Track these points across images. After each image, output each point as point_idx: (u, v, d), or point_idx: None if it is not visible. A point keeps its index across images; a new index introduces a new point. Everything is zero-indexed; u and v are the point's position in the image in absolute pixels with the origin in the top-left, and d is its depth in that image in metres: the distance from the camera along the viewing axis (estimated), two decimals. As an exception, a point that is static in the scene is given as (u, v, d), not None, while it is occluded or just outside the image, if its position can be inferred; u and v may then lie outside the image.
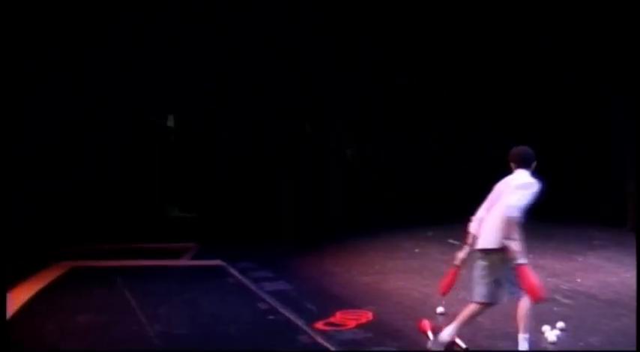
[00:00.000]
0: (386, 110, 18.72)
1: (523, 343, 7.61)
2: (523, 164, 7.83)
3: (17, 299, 10.24)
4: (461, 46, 17.88)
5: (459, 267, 8.19)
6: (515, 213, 7.48)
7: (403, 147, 18.86)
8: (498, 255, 7.56)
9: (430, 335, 8.28)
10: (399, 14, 17.59)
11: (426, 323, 8.55)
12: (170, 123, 18.36)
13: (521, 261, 7.48)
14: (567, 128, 17.39)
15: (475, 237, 7.84)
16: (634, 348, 7.86)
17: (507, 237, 7.50)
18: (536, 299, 7.58)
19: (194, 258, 13.51)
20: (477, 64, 18.05)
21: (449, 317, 9.12)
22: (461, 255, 8.10)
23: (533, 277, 7.50)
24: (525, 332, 7.62)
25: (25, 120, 15.32)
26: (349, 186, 18.05)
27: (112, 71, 16.57)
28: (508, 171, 7.90)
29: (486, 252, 7.67)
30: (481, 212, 7.89)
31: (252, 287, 11.03)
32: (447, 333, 7.78)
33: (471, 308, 7.84)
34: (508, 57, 17.48)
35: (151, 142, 17.84)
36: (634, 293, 10.11)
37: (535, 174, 7.71)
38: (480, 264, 7.75)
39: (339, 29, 17.77)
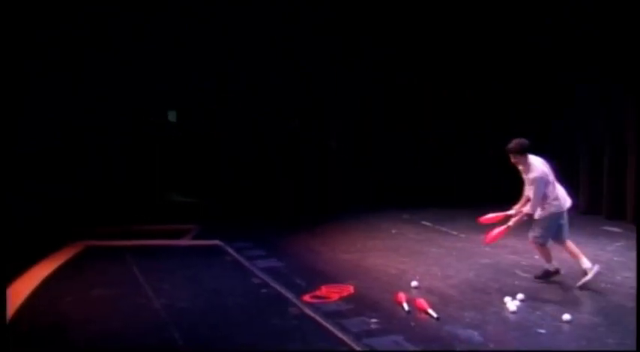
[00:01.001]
0: (386, 110, 17.90)
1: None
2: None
3: (38, 275, 10.29)
4: (461, 45, 17.05)
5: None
6: None
7: (402, 145, 17.94)
8: None
9: (405, 306, 8.34)
10: (399, 14, 16.86)
11: (402, 296, 8.64)
12: (172, 118, 17.80)
13: None
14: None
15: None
16: (583, 314, 7.96)
17: None
18: None
19: (195, 238, 13.48)
20: (477, 64, 17.14)
21: (422, 291, 9.21)
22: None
23: None
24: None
25: (25, 120, 15.17)
26: (337, 176, 17.53)
27: (112, 71, 16.01)
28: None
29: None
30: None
31: (247, 264, 11.03)
32: (586, 265, 9.24)
33: (570, 245, 9.45)
34: (508, 57, 16.52)
35: (152, 142, 17.39)
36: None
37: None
38: (565, 217, 9.49)
39: (339, 29, 17.02)
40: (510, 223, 9.37)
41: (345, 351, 7.16)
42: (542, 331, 7.59)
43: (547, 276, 9.56)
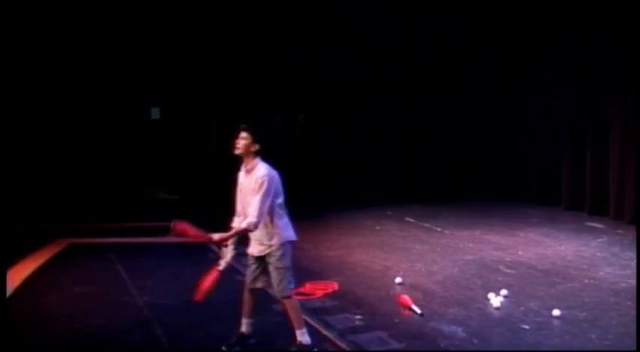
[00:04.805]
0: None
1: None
2: None
3: (21, 272, 10.26)
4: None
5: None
6: None
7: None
8: None
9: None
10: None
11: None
12: (155, 115, 17.67)
13: None
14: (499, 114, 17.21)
15: None
16: (566, 310, 7.97)
17: None
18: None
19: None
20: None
21: (406, 287, 9.20)
22: None
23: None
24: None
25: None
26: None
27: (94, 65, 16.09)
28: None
29: None
30: None
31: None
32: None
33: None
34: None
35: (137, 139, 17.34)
36: (567, 264, 10.31)
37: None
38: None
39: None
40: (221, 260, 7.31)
41: (329, 348, 7.14)
42: (526, 327, 7.59)
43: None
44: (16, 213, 13.08)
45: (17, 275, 10.06)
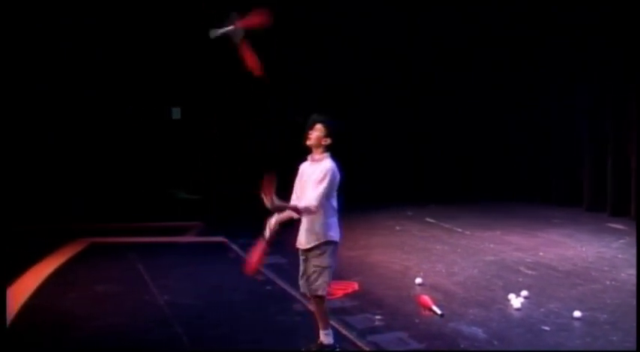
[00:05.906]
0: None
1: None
2: None
3: (41, 272, 10.30)
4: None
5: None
6: None
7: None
8: None
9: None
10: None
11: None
12: (176, 115, 17.67)
13: None
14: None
15: None
16: (587, 311, 7.94)
17: None
18: None
19: (199, 235, 13.50)
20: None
21: (426, 288, 9.20)
22: None
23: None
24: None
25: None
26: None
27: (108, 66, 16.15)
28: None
29: None
30: None
31: (251, 260, 11.03)
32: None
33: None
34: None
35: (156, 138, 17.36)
36: (588, 265, 10.27)
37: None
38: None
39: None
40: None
41: (349, 348, 7.14)
42: (547, 328, 7.57)
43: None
44: (17, 214, 13.16)
45: (38, 274, 10.13)
